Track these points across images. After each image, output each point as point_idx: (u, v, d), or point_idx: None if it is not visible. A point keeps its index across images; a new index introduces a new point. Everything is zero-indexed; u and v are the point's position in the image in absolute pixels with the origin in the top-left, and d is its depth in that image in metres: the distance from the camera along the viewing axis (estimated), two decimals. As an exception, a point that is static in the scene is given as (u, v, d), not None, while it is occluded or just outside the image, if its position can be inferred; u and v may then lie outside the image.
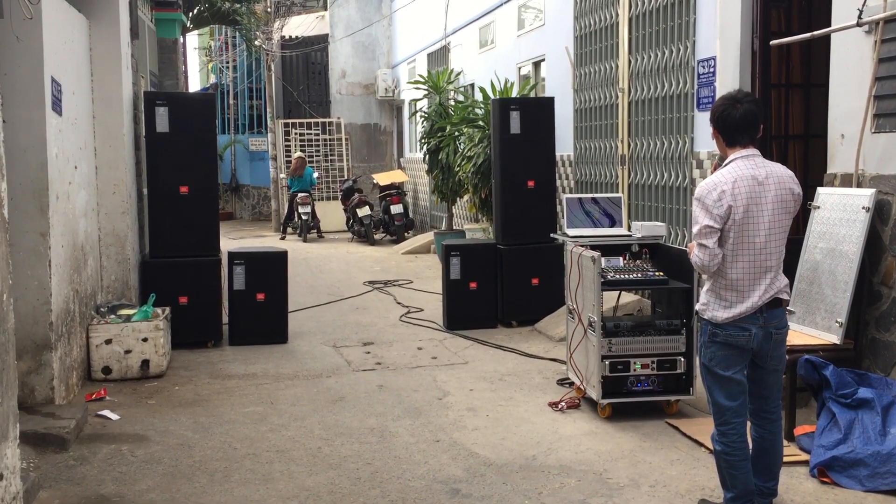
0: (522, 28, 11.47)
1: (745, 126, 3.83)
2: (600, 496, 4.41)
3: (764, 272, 3.81)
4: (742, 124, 3.82)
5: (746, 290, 3.81)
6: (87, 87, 7.07)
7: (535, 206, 8.72)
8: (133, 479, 4.70)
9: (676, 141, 7.35)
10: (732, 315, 3.82)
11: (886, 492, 4.32)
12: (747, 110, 3.82)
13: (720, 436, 3.96)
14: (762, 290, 3.81)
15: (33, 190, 5.58)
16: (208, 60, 26.62)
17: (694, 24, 7.02)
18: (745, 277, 3.81)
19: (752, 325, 3.82)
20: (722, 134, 3.89)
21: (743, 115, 3.81)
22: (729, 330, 3.84)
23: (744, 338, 3.83)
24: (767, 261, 3.81)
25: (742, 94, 3.90)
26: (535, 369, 6.95)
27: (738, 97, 3.87)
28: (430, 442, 5.26)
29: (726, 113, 3.84)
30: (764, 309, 3.83)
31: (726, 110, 3.84)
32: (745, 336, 3.82)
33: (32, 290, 5.58)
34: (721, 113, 3.86)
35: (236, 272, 7.95)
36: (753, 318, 3.82)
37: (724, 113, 3.84)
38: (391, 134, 20.99)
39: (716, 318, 3.86)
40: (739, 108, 3.82)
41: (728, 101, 3.88)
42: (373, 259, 14.19)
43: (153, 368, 6.75)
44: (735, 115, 3.81)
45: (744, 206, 3.75)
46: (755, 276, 3.80)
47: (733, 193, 3.74)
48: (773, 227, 3.80)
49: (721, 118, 3.86)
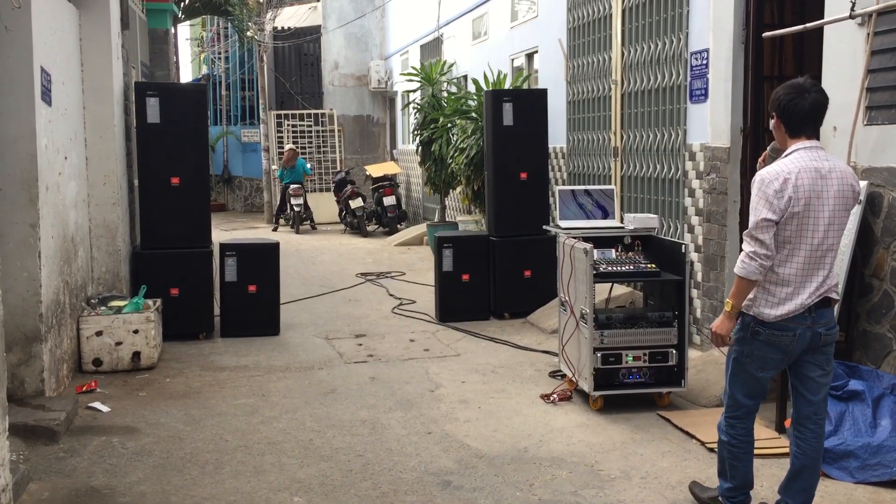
0: (516, 20, 11.44)
1: (812, 117, 3.65)
2: (592, 488, 4.41)
3: (818, 269, 3.64)
4: (810, 115, 3.64)
5: (798, 287, 3.63)
6: (78, 77, 7.02)
7: (528, 198, 8.71)
8: (123, 471, 4.69)
9: (669, 133, 7.34)
10: (781, 313, 3.63)
11: (876, 483, 4.34)
12: (815, 100, 3.64)
13: (729, 427, 3.88)
14: (814, 287, 3.63)
15: (23, 181, 5.54)
16: (200, 51, 26.48)
17: (687, 16, 7.01)
18: (798, 274, 3.62)
19: (799, 324, 3.64)
20: (786, 123, 3.68)
21: (811, 105, 3.63)
22: (773, 329, 3.66)
23: (787, 338, 3.65)
24: (824, 257, 3.64)
25: (809, 84, 3.69)
26: (528, 361, 6.95)
27: (805, 86, 3.66)
28: (422, 434, 5.26)
29: (794, 102, 3.64)
30: (813, 308, 3.64)
31: (794, 99, 3.64)
32: (789, 337, 3.65)
33: (22, 282, 5.54)
34: (788, 102, 3.65)
35: (228, 264, 7.92)
36: (801, 317, 3.64)
37: (792, 102, 3.64)
38: (384, 125, 20.95)
39: (762, 314, 3.66)
40: (808, 98, 3.62)
41: (795, 89, 3.66)
42: (365, 251, 14.17)
43: (144, 360, 6.73)
44: (803, 105, 3.62)
45: (805, 199, 3.56)
46: (809, 273, 3.63)
47: (796, 184, 3.55)
48: (832, 223, 3.61)
49: (787, 107, 3.65)
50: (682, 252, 5.59)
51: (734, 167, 6.36)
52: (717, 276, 6.53)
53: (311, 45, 21.21)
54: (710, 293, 6.65)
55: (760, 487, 4.27)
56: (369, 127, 20.96)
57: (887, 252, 4.84)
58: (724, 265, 6.43)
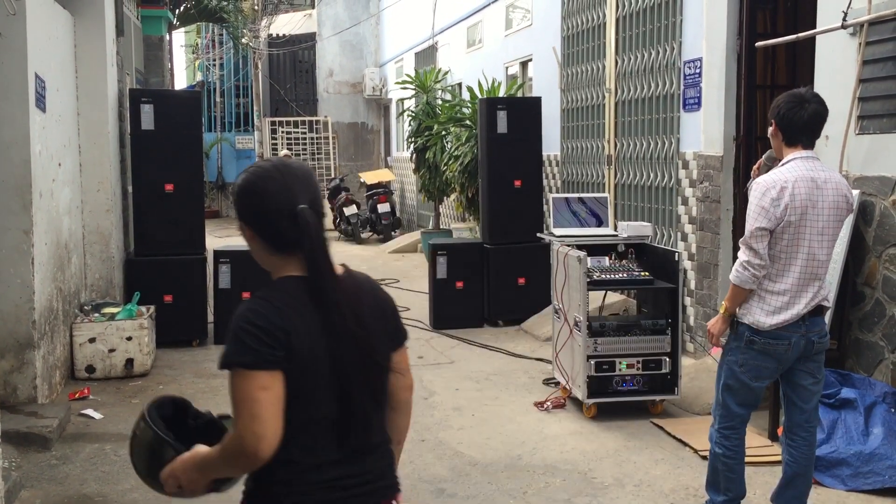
0: (510, 28, 11.48)
1: (810, 127, 3.67)
2: (585, 495, 4.41)
3: (813, 279, 3.64)
4: (808, 125, 3.65)
5: (794, 297, 3.62)
6: (72, 83, 7.02)
7: (522, 206, 8.72)
8: (116, 478, 4.67)
9: (663, 141, 7.37)
10: (777, 322, 3.62)
11: (869, 491, 4.35)
12: (815, 111, 3.65)
13: (723, 439, 3.84)
14: (809, 297, 3.63)
15: (16, 187, 5.53)
16: (195, 58, 26.50)
17: (680, 26, 7.04)
18: (795, 283, 3.62)
19: (793, 333, 3.64)
20: (784, 132, 3.69)
21: (811, 116, 3.64)
22: (768, 338, 3.65)
23: (783, 347, 3.65)
24: (819, 267, 3.64)
25: (810, 94, 3.71)
26: (521, 369, 6.95)
27: (805, 96, 3.68)
28: (416, 441, 5.25)
29: (793, 111, 3.64)
30: (807, 317, 3.65)
31: (793, 109, 3.65)
32: (784, 345, 3.65)
33: (15, 289, 5.53)
34: (788, 111, 3.66)
35: (222, 271, 7.90)
36: (796, 325, 3.64)
37: (791, 111, 3.65)
38: (378, 133, 20.96)
39: (758, 323, 3.65)
40: (808, 108, 3.63)
41: (795, 99, 3.67)
42: (360, 258, 14.16)
43: (137, 367, 6.71)
44: (802, 115, 3.63)
45: (801, 208, 3.56)
46: (805, 283, 3.63)
47: (792, 193, 3.55)
48: (825, 233, 3.62)
49: (786, 116, 3.66)
50: (675, 260, 5.60)
51: (727, 175, 6.39)
52: (711, 284, 6.54)
53: (305, 52, 21.23)
54: (703, 301, 6.66)
55: (753, 495, 4.28)
56: (364, 134, 20.97)
57: (879, 260, 4.86)
58: (717, 273, 6.45)
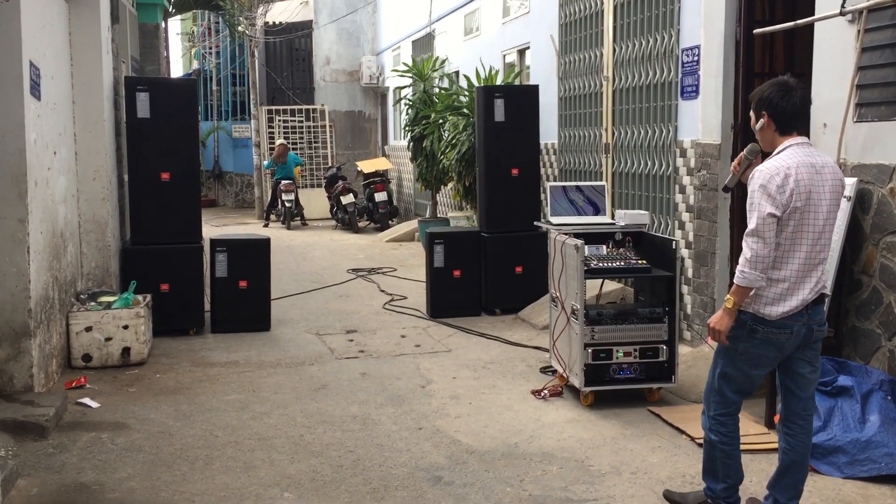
0: (508, 15, 11.43)
1: (802, 113, 3.69)
2: (582, 483, 4.42)
3: (816, 265, 3.63)
4: (800, 111, 3.68)
5: (799, 283, 3.60)
6: (67, 71, 6.99)
7: (519, 194, 8.71)
8: (113, 466, 4.67)
9: (660, 129, 7.35)
10: (783, 311, 3.60)
11: (865, 479, 4.36)
12: (803, 96, 3.68)
13: (719, 426, 3.84)
14: (812, 284, 3.62)
15: (11, 175, 5.51)
16: (191, 46, 26.37)
17: (678, 13, 7.01)
18: (800, 270, 3.60)
19: (796, 321, 3.62)
20: (777, 121, 3.68)
21: (801, 102, 3.67)
22: (772, 327, 3.62)
23: (785, 335, 3.63)
24: (822, 252, 3.63)
25: (794, 81, 3.71)
26: (519, 357, 6.96)
27: (791, 84, 3.68)
28: (413, 430, 5.26)
29: (785, 100, 3.65)
30: (810, 305, 3.63)
31: (784, 97, 3.65)
32: (787, 334, 3.63)
33: (11, 277, 5.52)
34: (780, 99, 3.66)
35: (219, 259, 7.90)
36: (800, 314, 3.62)
37: (783, 99, 3.65)
38: (375, 121, 20.91)
39: (762, 312, 3.62)
40: (796, 95, 3.65)
41: (782, 86, 3.68)
42: (357, 247, 14.15)
43: (134, 356, 6.71)
44: (794, 102, 3.65)
45: (805, 193, 3.54)
46: (808, 270, 3.61)
47: (796, 178, 3.54)
48: (828, 218, 3.61)
49: (779, 106, 3.66)
50: (672, 248, 5.60)
51: (725, 164, 6.37)
52: (708, 273, 6.54)
53: (302, 40, 21.15)
54: (700, 289, 6.66)
55: (749, 483, 4.29)
56: (361, 123, 20.92)
57: (877, 248, 4.86)
58: (714, 261, 6.45)
